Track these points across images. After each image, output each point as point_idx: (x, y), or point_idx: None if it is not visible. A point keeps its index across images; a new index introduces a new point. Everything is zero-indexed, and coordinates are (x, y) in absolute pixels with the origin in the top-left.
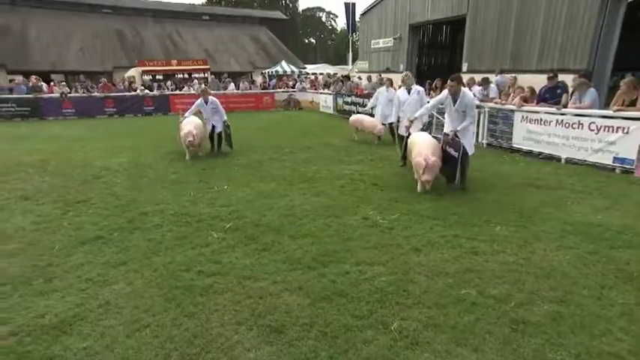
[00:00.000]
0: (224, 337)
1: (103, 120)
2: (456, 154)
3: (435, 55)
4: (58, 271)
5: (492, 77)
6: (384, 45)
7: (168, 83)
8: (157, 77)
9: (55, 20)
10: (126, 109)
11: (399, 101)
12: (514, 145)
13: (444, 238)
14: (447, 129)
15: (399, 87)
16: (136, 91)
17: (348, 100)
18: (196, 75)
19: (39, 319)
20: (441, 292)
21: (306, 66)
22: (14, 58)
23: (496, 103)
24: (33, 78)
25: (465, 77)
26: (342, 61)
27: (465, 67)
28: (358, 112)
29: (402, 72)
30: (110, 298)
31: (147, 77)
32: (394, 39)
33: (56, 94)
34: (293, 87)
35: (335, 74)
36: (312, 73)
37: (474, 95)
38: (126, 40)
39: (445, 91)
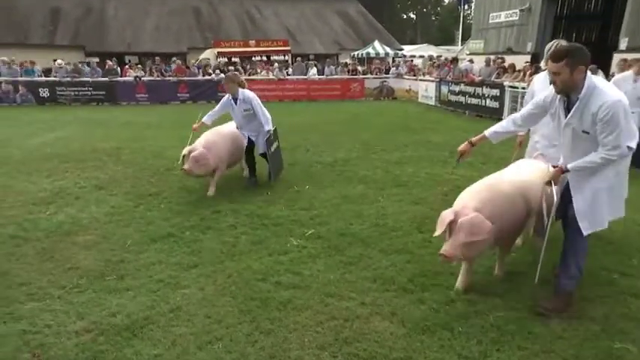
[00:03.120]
0: None
1: (175, 106)
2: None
3: (578, 31)
4: (130, 269)
5: None
6: (506, 19)
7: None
8: (233, 59)
9: None
10: (199, 95)
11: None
12: None
13: (586, 270)
14: (548, 152)
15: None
16: (210, 75)
17: (456, 89)
18: (276, 57)
19: (111, 317)
20: (582, 341)
21: (403, 47)
22: (92, 40)
23: None
24: (108, 62)
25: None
26: (449, 41)
27: (623, 44)
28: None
29: (528, 52)
30: (181, 304)
31: (222, 59)
32: (521, 11)
33: (130, 78)
34: (387, 72)
35: (439, 57)
36: (411, 56)
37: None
38: (202, 18)
39: (547, 86)
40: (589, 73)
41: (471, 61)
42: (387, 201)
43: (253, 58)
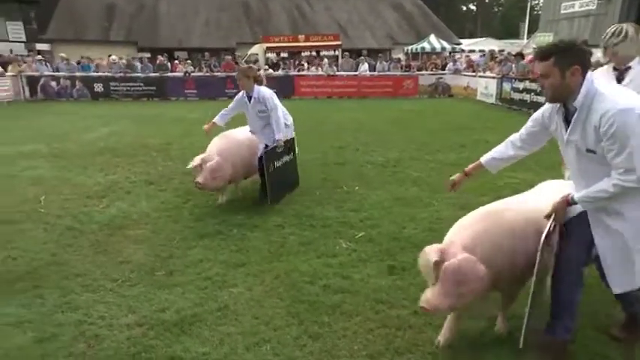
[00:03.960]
0: None
1: (223, 102)
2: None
3: None
4: (179, 265)
5: None
6: (581, 9)
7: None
8: (282, 54)
9: None
10: None
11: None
12: None
13: None
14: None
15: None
16: (259, 70)
17: (519, 86)
18: (325, 52)
19: (161, 313)
20: None
21: (461, 41)
22: (145, 35)
23: None
24: (159, 57)
25: None
26: (513, 34)
27: None
28: None
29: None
30: (229, 302)
31: (271, 55)
32: (599, 0)
33: (180, 74)
34: (443, 68)
35: (501, 51)
36: (470, 51)
37: None
38: (251, 13)
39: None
40: (590, 75)
41: None
42: (442, 205)
43: (302, 54)
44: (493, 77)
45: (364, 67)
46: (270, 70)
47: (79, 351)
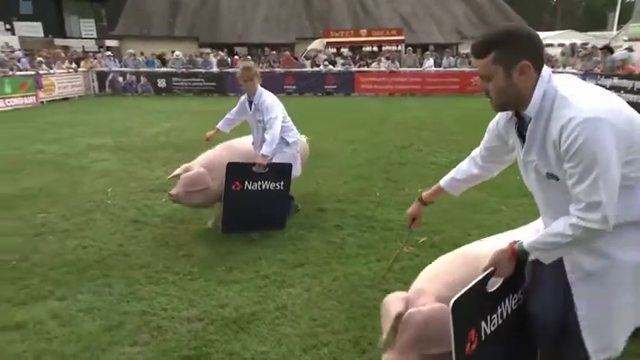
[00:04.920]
0: None
1: (281, 99)
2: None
3: None
4: (238, 262)
5: None
6: None
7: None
8: (342, 50)
9: None
10: (305, 88)
11: None
12: None
13: None
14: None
15: None
16: (319, 66)
17: (606, 83)
18: (387, 47)
19: (220, 308)
20: None
21: (538, 33)
22: (206, 31)
23: None
24: (220, 53)
25: None
26: (599, 26)
27: None
28: None
29: None
30: (287, 303)
31: (331, 50)
32: None
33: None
34: None
35: (584, 44)
36: (547, 44)
37: None
38: (312, 7)
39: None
40: (546, 72)
41: (630, 49)
42: (512, 211)
43: (363, 49)
44: (574, 73)
45: (429, 63)
46: (330, 67)
47: (143, 340)
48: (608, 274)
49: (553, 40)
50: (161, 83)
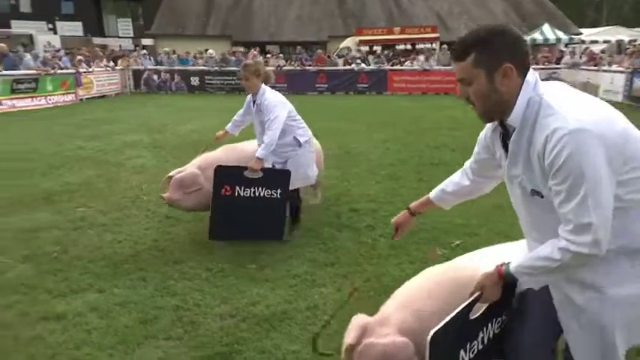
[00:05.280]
0: None
1: (313, 97)
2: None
3: None
4: (269, 260)
5: None
6: None
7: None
8: (374, 48)
9: None
10: (337, 86)
11: None
12: None
13: None
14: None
15: None
16: (351, 64)
17: None
18: (421, 45)
19: (251, 306)
20: None
21: (581, 30)
22: (239, 29)
23: None
24: (252, 51)
25: None
26: None
27: None
28: None
29: None
30: (318, 302)
31: (363, 48)
32: None
33: (272, 67)
34: (557, 62)
35: (632, 41)
36: (591, 41)
37: None
38: (345, 5)
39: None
40: (532, 77)
41: None
42: None
43: (397, 47)
44: (621, 71)
45: None
46: (363, 65)
47: (177, 335)
48: (599, 310)
49: (598, 36)
50: (194, 81)
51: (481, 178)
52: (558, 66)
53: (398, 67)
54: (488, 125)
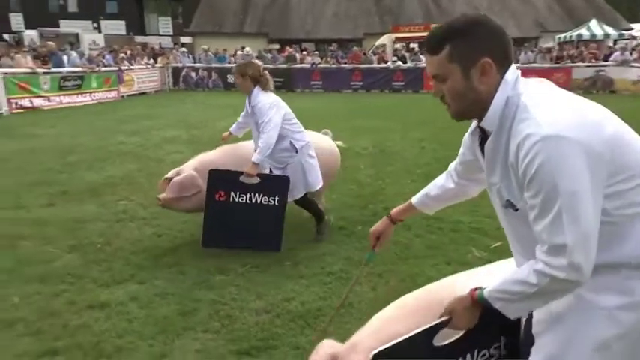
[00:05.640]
0: None
1: (347, 95)
2: None
3: None
4: (303, 257)
5: None
6: None
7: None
8: (411, 45)
9: None
10: (373, 84)
11: None
12: None
13: None
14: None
15: None
16: (387, 62)
17: None
18: None
19: (286, 302)
20: None
21: (632, 26)
22: (275, 27)
23: None
24: (288, 49)
25: None
26: None
27: None
28: None
29: None
30: (353, 300)
31: (399, 45)
32: None
33: (307, 65)
34: (605, 59)
35: None
36: None
37: None
38: (382, 2)
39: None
40: (511, 75)
41: None
42: None
43: None
44: None
45: None
46: (399, 63)
47: (214, 328)
48: (575, 316)
49: None
50: (231, 78)
51: (466, 181)
52: (606, 63)
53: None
54: (473, 126)
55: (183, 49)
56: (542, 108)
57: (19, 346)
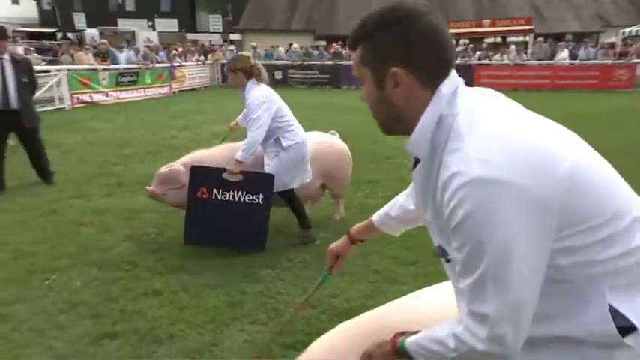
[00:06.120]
0: None
1: None
2: None
3: None
4: None
5: None
6: None
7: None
8: (461, 41)
9: None
10: None
11: None
12: None
13: None
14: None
15: None
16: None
17: None
18: (513, 38)
19: (331, 298)
20: None
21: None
22: (322, 24)
23: None
24: (334, 45)
25: None
26: None
27: None
28: None
29: None
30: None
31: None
32: None
33: (349, 62)
34: None
35: None
36: None
37: None
38: None
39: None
40: (448, 88)
41: None
42: None
43: (485, 40)
44: None
45: (563, 55)
46: None
47: (261, 320)
48: None
49: None
50: (278, 75)
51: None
52: None
53: (486, 61)
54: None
55: (232, 46)
56: (476, 137)
57: (80, 327)
